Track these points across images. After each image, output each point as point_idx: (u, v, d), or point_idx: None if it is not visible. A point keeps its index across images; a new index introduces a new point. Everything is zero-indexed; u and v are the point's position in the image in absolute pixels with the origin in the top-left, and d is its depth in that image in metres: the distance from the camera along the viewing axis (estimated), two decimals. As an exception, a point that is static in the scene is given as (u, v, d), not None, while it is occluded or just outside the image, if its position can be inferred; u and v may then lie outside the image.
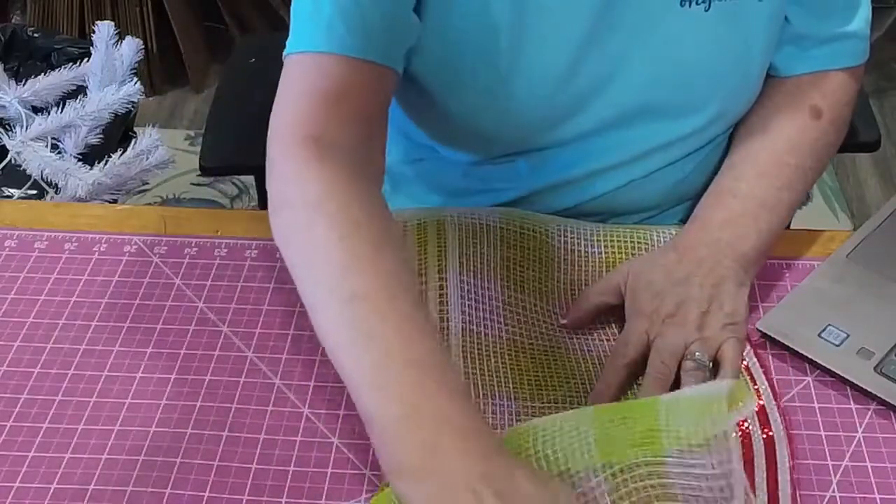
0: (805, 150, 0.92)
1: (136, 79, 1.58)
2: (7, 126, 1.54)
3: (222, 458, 0.75)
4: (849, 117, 0.98)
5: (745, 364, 0.81)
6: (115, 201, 1.51)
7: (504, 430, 0.75)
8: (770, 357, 0.82)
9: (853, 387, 0.79)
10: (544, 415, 0.76)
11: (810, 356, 0.81)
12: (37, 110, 1.57)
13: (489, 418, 0.76)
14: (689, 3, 0.86)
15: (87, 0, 2.39)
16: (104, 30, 1.60)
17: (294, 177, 0.76)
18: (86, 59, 1.62)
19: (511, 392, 0.79)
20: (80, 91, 1.60)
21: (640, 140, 0.94)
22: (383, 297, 0.69)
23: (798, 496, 0.72)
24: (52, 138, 1.51)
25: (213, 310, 0.87)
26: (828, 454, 0.75)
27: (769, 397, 0.78)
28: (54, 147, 1.50)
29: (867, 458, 0.75)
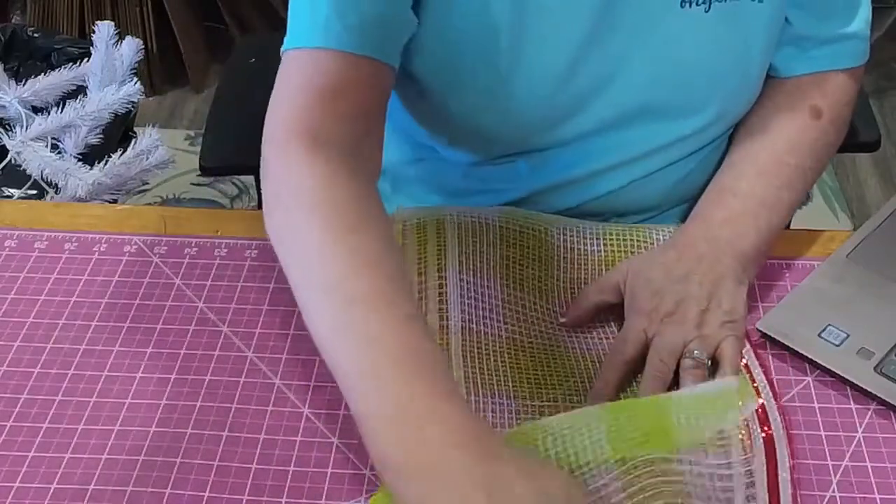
0: (805, 149, 0.92)
1: (136, 79, 1.58)
2: (7, 126, 1.54)
3: (222, 458, 0.75)
4: (849, 117, 0.98)
5: (744, 362, 0.81)
6: (115, 201, 1.51)
7: (504, 428, 0.75)
8: (770, 357, 0.82)
9: (853, 387, 0.79)
10: (544, 413, 0.76)
11: (810, 356, 0.81)
12: (37, 110, 1.57)
13: (489, 417, 0.76)
14: (690, 3, 0.86)
15: (87, 0, 2.39)
16: (104, 30, 1.60)
17: (289, 175, 0.75)
18: (86, 59, 1.62)
19: (511, 391, 0.79)
20: (80, 91, 1.60)
21: (640, 140, 0.94)
22: (381, 301, 0.68)
23: (798, 496, 0.72)
24: (52, 138, 1.51)
25: (213, 310, 0.87)
26: (828, 454, 0.75)
27: (768, 396, 0.78)
28: (54, 147, 1.50)
29: (867, 458, 0.75)
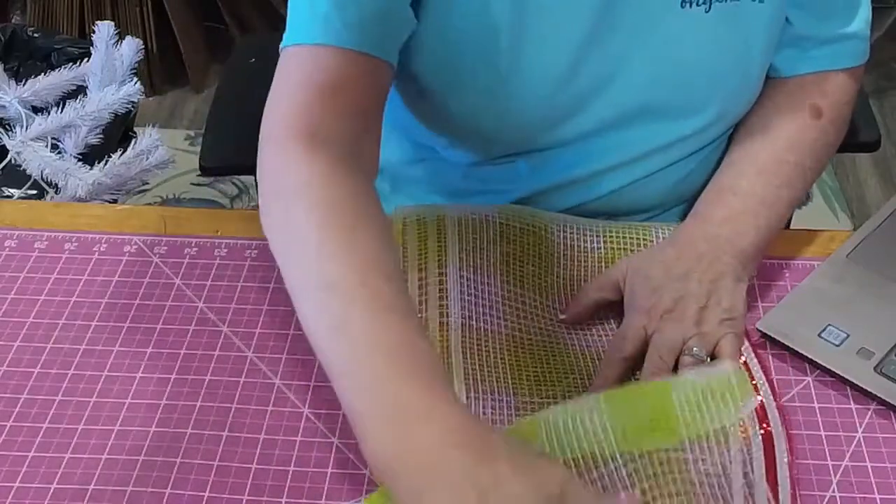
0: (805, 148, 0.92)
1: (136, 79, 1.58)
2: (7, 126, 1.54)
3: (222, 458, 0.75)
4: (848, 117, 0.98)
5: (744, 360, 0.81)
6: (115, 201, 1.51)
7: (503, 425, 0.75)
8: (770, 357, 0.82)
9: (853, 387, 0.79)
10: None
11: (810, 356, 0.81)
12: (37, 110, 1.57)
13: (488, 413, 0.76)
14: (690, 3, 0.86)
15: (87, 0, 2.39)
16: (104, 30, 1.60)
17: (287, 172, 0.75)
18: (86, 59, 1.62)
19: (510, 387, 0.79)
20: (80, 91, 1.60)
21: (640, 141, 0.94)
22: (378, 300, 0.67)
23: (798, 496, 0.72)
24: (52, 138, 1.51)
25: (213, 310, 0.87)
26: (828, 454, 0.75)
27: (767, 393, 0.78)
28: (54, 147, 1.50)
29: (867, 458, 0.75)
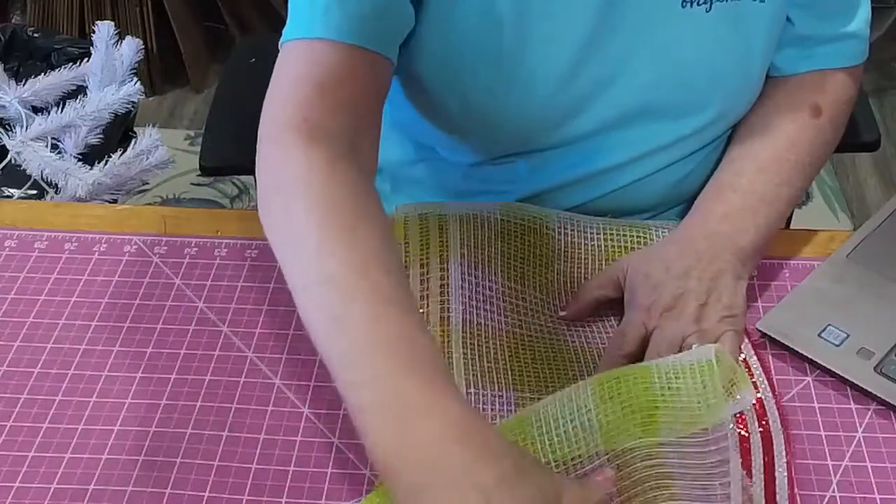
0: (804, 147, 0.92)
1: (136, 79, 1.58)
2: (7, 126, 1.54)
3: (222, 458, 0.75)
4: (847, 116, 0.98)
5: (743, 358, 0.81)
6: (115, 201, 1.51)
7: (502, 421, 0.75)
8: (770, 357, 0.82)
9: (853, 387, 0.79)
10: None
11: (810, 356, 0.81)
12: (37, 110, 1.57)
13: (488, 409, 0.77)
14: (691, 4, 0.86)
15: (87, 0, 2.39)
16: (104, 30, 1.60)
17: (287, 167, 0.74)
18: (86, 59, 1.62)
19: (510, 383, 0.79)
20: (80, 91, 1.60)
21: (641, 141, 0.94)
22: (378, 296, 0.67)
23: (798, 496, 0.72)
24: (52, 138, 1.51)
25: (213, 310, 0.87)
26: (828, 454, 0.75)
27: (766, 390, 0.78)
28: (54, 147, 1.50)
29: (867, 458, 0.75)
